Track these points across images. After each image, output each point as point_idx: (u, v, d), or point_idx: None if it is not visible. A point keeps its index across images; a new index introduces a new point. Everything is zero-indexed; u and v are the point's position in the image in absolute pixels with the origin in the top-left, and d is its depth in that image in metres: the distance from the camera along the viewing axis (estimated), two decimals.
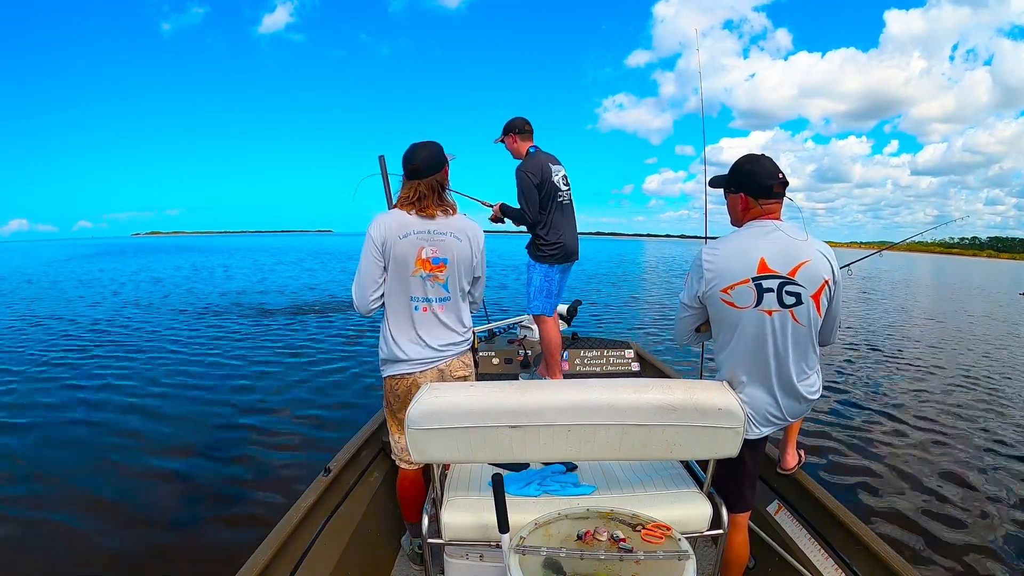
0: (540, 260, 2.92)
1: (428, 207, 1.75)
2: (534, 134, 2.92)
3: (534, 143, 2.91)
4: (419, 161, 1.76)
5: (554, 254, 2.90)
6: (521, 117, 2.89)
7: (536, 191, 2.78)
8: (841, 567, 1.77)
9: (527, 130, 2.88)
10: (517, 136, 2.89)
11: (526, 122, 2.88)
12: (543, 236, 2.87)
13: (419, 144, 1.80)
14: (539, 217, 2.84)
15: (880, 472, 3.81)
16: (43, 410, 4.87)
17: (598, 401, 1.38)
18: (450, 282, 1.80)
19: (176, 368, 6.27)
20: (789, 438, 2.04)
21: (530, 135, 2.90)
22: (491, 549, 1.51)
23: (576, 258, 3.01)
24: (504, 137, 2.94)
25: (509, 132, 2.91)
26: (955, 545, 2.93)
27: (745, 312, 1.48)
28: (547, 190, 2.80)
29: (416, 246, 1.74)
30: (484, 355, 3.53)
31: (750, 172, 1.52)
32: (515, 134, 2.89)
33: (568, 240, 2.91)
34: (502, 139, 2.95)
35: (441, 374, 1.85)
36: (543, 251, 2.90)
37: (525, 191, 2.80)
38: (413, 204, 1.76)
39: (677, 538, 1.28)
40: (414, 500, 1.96)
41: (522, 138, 2.89)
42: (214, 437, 4.24)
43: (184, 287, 16.03)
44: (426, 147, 1.79)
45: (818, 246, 1.49)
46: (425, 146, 1.79)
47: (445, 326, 1.83)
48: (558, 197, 2.85)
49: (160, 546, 2.82)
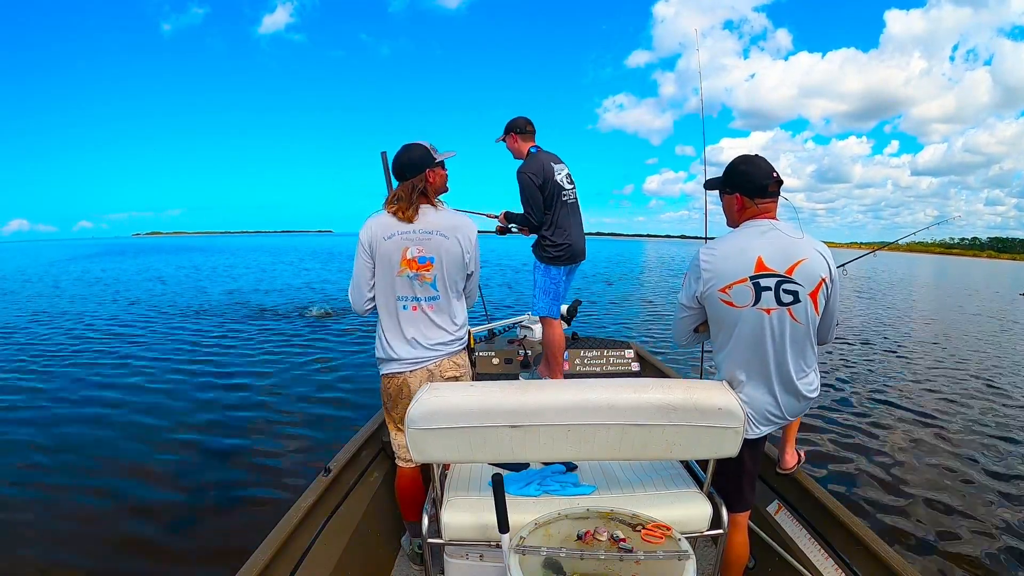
0: (546, 261, 2.87)
1: (405, 209, 1.75)
2: (536, 134, 2.86)
3: (535, 143, 2.85)
4: (400, 165, 1.78)
5: (560, 255, 2.84)
6: (523, 117, 2.83)
7: (539, 192, 2.73)
8: (841, 567, 1.77)
9: (529, 130, 2.82)
10: (518, 136, 2.83)
11: (528, 122, 2.82)
12: (549, 237, 2.81)
13: (405, 145, 1.80)
14: (544, 219, 2.79)
15: (880, 472, 3.81)
16: (40, 409, 4.86)
17: (598, 401, 1.38)
18: (438, 281, 1.80)
19: (176, 368, 6.27)
20: (788, 438, 2.04)
21: (532, 135, 2.84)
22: (491, 549, 1.52)
23: (583, 259, 2.95)
24: (505, 136, 2.89)
25: (510, 131, 2.85)
26: (955, 545, 2.93)
27: (743, 311, 1.49)
28: (550, 190, 2.75)
29: (400, 246, 1.75)
30: (484, 355, 3.52)
31: (745, 172, 1.54)
32: (516, 134, 2.83)
33: (575, 240, 2.85)
34: (503, 138, 2.90)
35: (431, 374, 1.85)
36: (549, 252, 2.84)
37: (528, 193, 2.74)
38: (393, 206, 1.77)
39: (677, 538, 1.28)
40: (413, 499, 1.96)
41: (523, 138, 2.83)
42: (214, 437, 4.23)
43: (184, 288, 16.01)
44: (409, 149, 1.79)
45: (815, 245, 1.50)
46: (408, 148, 1.79)
47: (435, 325, 1.83)
48: (562, 196, 2.78)
49: (160, 546, 2.82)
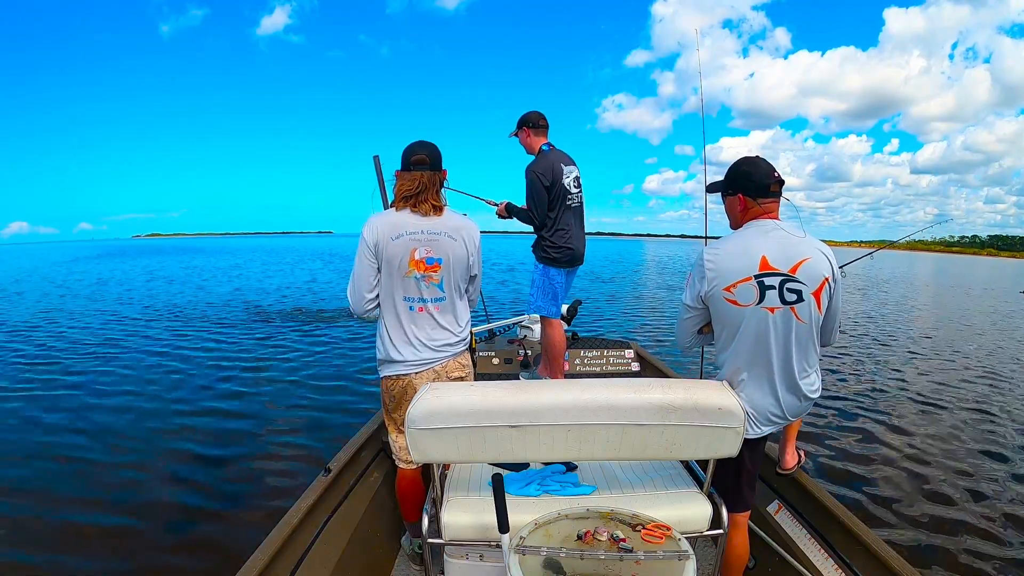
0: (545, 262, 2.86)
1: (426, 201, 1.73)
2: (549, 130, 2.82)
3: (548, 140, 2.82)
4: (426, 152, 1.75)
5: (559, 257, 2.83)
6: (536, 111, 2.80)
7: (546, 193, 2.70)
8: (841, 567, 1.77)
9: (542, 125, 2.79)
10: (531, 131, 2.80)
11: (541, 116, 2.79)
12: (549, 238, 2.80)
13: (422, 141, 1.79)
14: (546, 220, 2.77)
15: (880, 472, 3.80)
16: (36, 411, 4.86)
17: (598, 401, 1.38)
18: (445, 282, 1.79)
19: (175, 368, 6.27)
20: (788, 438, 2.04)
21: (544, 130, 2.81)
22: (491, 549, 1.52)
23: (581, 262, 2.94)
24: (518, 131, 2.85)
25: (523, 126, 2.82)
26: (955, 545, 2.93)
27: (748, 310, 1.49)
28: (556, 192, 2.72)
29: (409, 247, 1.73)
30: (484, 355, 3.52)
31: (747, 173, 1.56)
32: (529, 128, 2.80)
33: (576, 244, 2.84)
34: (516, 133, 2.86)
35: (437, 376, 1.84)
36: (548, 253, 2.83)
37: (535, 192, 2.72)
38: (410, 198, 1.74)
39: (677, 538, 1.28)
40: (413, 500, 1.96)
41: (535, 133, 2.80)
42: (214, 437, 4.23)
43: (184, 287, 16.04)
44: (429, 144, 1.79)
45: (817, 245, 1.51)
46: (428, 143, 1.79)
47: (441, 326, 1.83)
48: (567, 200, 2.76)
49: (160, 546, 2.82)
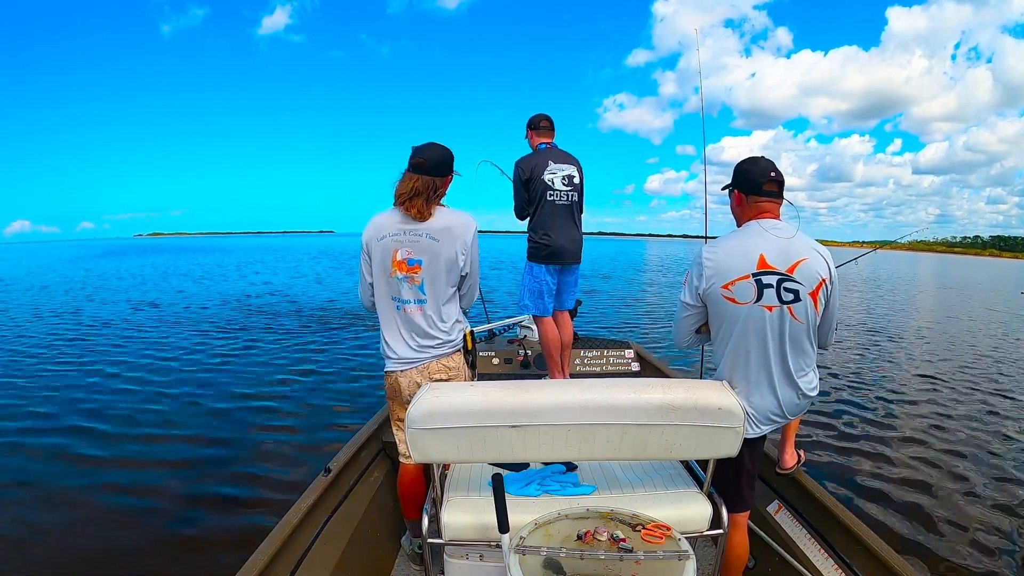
0: (530, 259, 2.93)
1: (414, 205, 1.73)
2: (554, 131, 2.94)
3: (549, 140, 2.91)
4: (425, 156, 1.75)
5: (538, 252, 2.88)
6: (541, 114, 2.94)
7: (523, 187, 2.84)
8: (841, 567, 1.77)
9: (543, 126, 2.92)
10: (533, 132, 2.95)
11: (543, 118, 2.92)
12: (531, 234, 2.90)
13: (433, 143, 1.80)
14: (524, 213, 2.91)
15: (880, 472, 3.80)
16: (36, 414, 4.86)
17: (598, 401, 1.39)
18: (426, 283, 1.79)
19: (175, 368, 6.28)
20: (788, 438, 2.04)
21: (546, 131, 2.92)
22: (491, 549, 1.52)
23: (571, 261, 2.96)
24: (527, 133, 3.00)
25: (528, 128, 2.97)
26: (956, 545, 2.93)
27: (745, 308, 1.50)
28: (536, 187, 2.81)
29: (391, 248, 1.76)
30: (484, 355, 3.52)
31: (745, 170, 1.59)
32: (531, 129, 2.96)
33: (556, 241, 2.85)
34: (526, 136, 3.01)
35: (420, 376, 1.84)
36: (529, 248, 2.92)
37: (513, 184, 2.89)
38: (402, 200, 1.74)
39: (677, 538, 1.28)
40: (415, 497, 1.96)
41: (537, 134, 2.93)
42: (214, 437, 4.24)
43: (185, 287, 16.04)
44: (438, 147, 1.78)
45: (814, 245, 1.53)
46: (437, 146, 1.79)
47: (423, 328, 1.82)
48: (549, 196, 2.82)
49: (160, 546, 2.82)
